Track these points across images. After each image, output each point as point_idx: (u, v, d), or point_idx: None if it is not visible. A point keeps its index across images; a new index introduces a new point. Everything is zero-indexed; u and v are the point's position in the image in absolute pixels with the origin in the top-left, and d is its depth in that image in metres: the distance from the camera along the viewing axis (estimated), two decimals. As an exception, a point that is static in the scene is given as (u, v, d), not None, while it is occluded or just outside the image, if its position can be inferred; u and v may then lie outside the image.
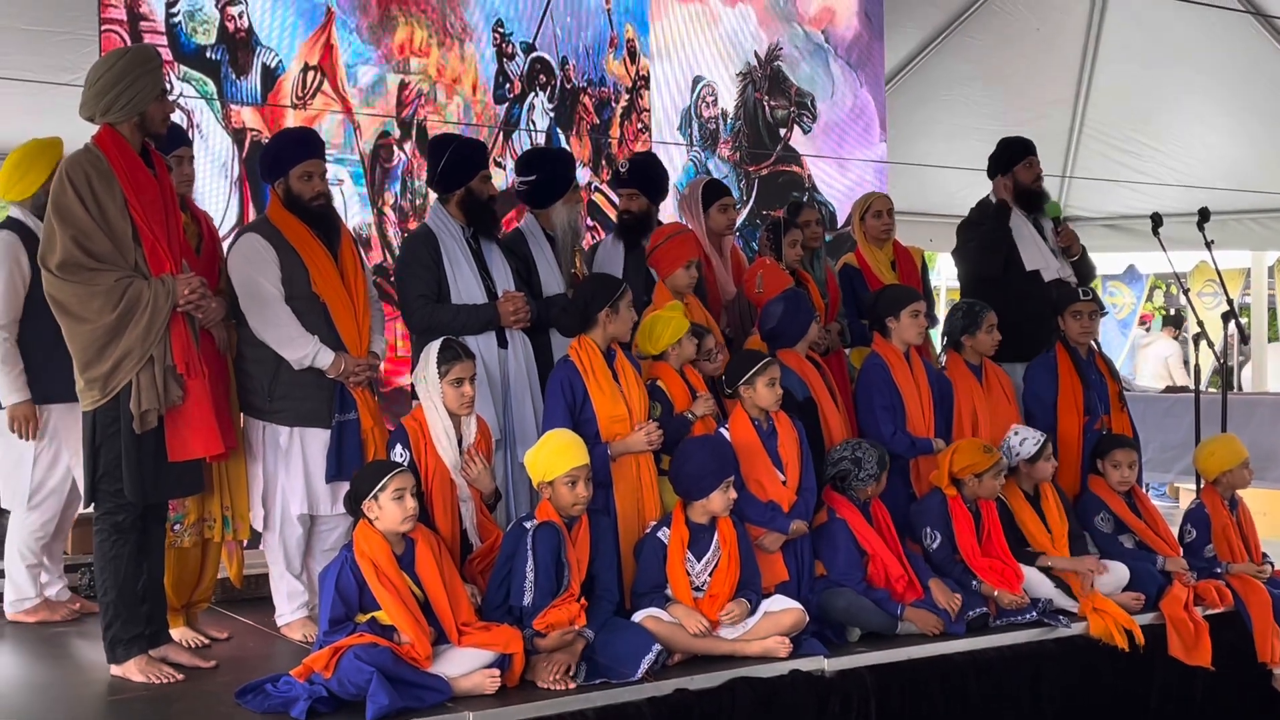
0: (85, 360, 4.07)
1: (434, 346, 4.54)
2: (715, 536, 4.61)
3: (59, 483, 5.13)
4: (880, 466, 4.98)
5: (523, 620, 4.23)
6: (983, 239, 6.34)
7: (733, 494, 4.59)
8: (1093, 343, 6.02)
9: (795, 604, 4.59)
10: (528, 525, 4.34)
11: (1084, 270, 6.52)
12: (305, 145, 4.84)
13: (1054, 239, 6.41)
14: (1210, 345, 7.12)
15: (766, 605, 4.57)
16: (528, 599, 4.25)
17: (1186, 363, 14.08)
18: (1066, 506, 5.48)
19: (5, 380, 5.00)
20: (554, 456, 4.38)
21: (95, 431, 4.12)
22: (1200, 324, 7.33)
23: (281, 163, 4.77)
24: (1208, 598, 5.38)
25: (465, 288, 5.09)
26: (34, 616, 5.12)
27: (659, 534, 4.60)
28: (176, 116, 4.73)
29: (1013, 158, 6.46)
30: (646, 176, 5.89)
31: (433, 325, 5.03)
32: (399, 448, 4.50)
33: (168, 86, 4.35)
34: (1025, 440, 5.37)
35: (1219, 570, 5.59)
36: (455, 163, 5.20)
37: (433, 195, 5.44)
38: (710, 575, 4.57)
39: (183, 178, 4.82)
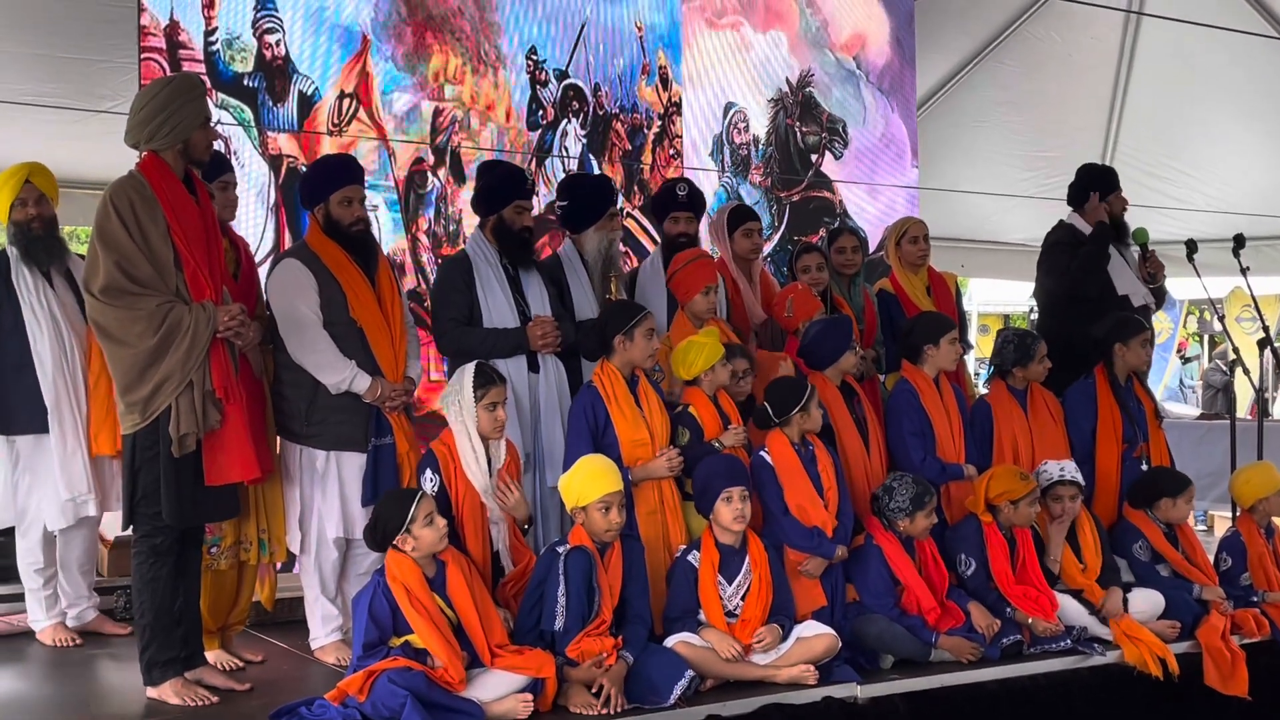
0: (126, 384, 4.11)
1: (468, 370, 4.56)
2: (746, 560, 4.61)
3: (38, 510, 5.15)
4: (914, 504, 4.90)
5: (555, 645, 4.24)
6: (1086, 261, 6.33)
7: (738, 505, 4.56)
8: None
9: (828, 630, 4.57)
10: (560, 550, 4.34)
11: (1159, 297, 6.56)
12: (345, 171, 4.89)
13: (1139, 266, 6.40)
14: (1246, 372, 7.09)
15: (799, 631, 4.56)
16: (559, 623, 4.25)
17: (1182, 384, 14.05)
18: (1103, 538, 5.44)
19: None
20: (588, 482, 4.38)
21: (134, 455, 4.15)
22: (1236, 351, 7.28)
23: (322, 188, 4.82)
24: (1245, 627, 5.32)
25: (497, 312, 5.12)
26: (45, 638, 5.17)
27: (689, 557, 4.60)
28: (216, 144, 4.78)
29: (1106, 186, 6.50)
30: (700, 200, 6.07)
31: (462, 348, 5.06)
32: (429, 472, 4.51)
33: (211, 114, 4.40)
34: (1042, 473, 5.35)
35: (1255, 599, 5.54)
36: (489, 190, 5.25)
37: (466, 221, 5.47)
38: (742, 599, 4.56)
39: (226, 204, 4.88)
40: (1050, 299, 6.54)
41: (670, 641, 4.41)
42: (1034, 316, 7.58)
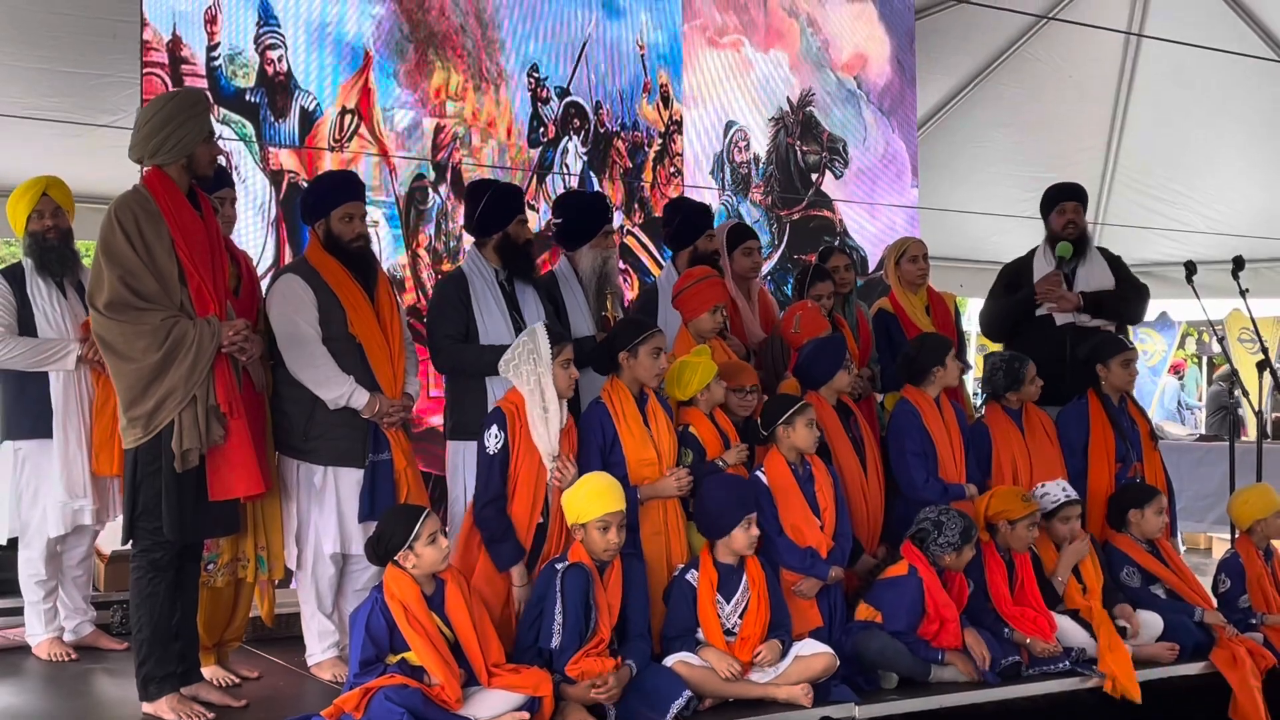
0: (129, 398, 4.11)
1: (539, 330, 4.60)
2: (744, 578, 4.60)
3: (42, 520, 5.14)
4: (963, 539, 4.88)
5: (553, 663, 4.23)
6: (1001, 314, 6.51)
7: (755, 531, 4.58)
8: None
9: (826, 648, 4.56)
10: (558, 567, 4.34)
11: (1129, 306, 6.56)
12: (347, 187, 4.90)
13: (1090, 281, 6.40)
14: (1245, 394, 7.09)
15: (797, 649, 4.55)
16: (556, 641, 4.25)
17: (1181, 405, 14.06)
18: (1101, 558, 5.44)
19: None
20: (589, 500, 4.38)
21: (136, 469, 4.14)
22: (1235, 372, 7.29)
23: (323, 204, 4.83)
24: (1264, 662, 5.27)
25: (493, 329, 5.11)
26: (41, 652, 5.16)
27: (687, 576, 4.60)
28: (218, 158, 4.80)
29: (1047, 206, 6.54)
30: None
31: (458, 364, 5.07)
32: (494, 429, 4.53)
33: (214, 129, 4.41)
34: (1045, 496, 5.34)
35: (1254, 620, 5.54)
36: (493, 208, 5.25)
37: (466, 237, 5.47)
38: (740, 617, 4.56)
39: (224, 219, 4.88)
40: (984, 322, 6.71)
41: (669, 661, 4.40)
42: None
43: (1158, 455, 6.05)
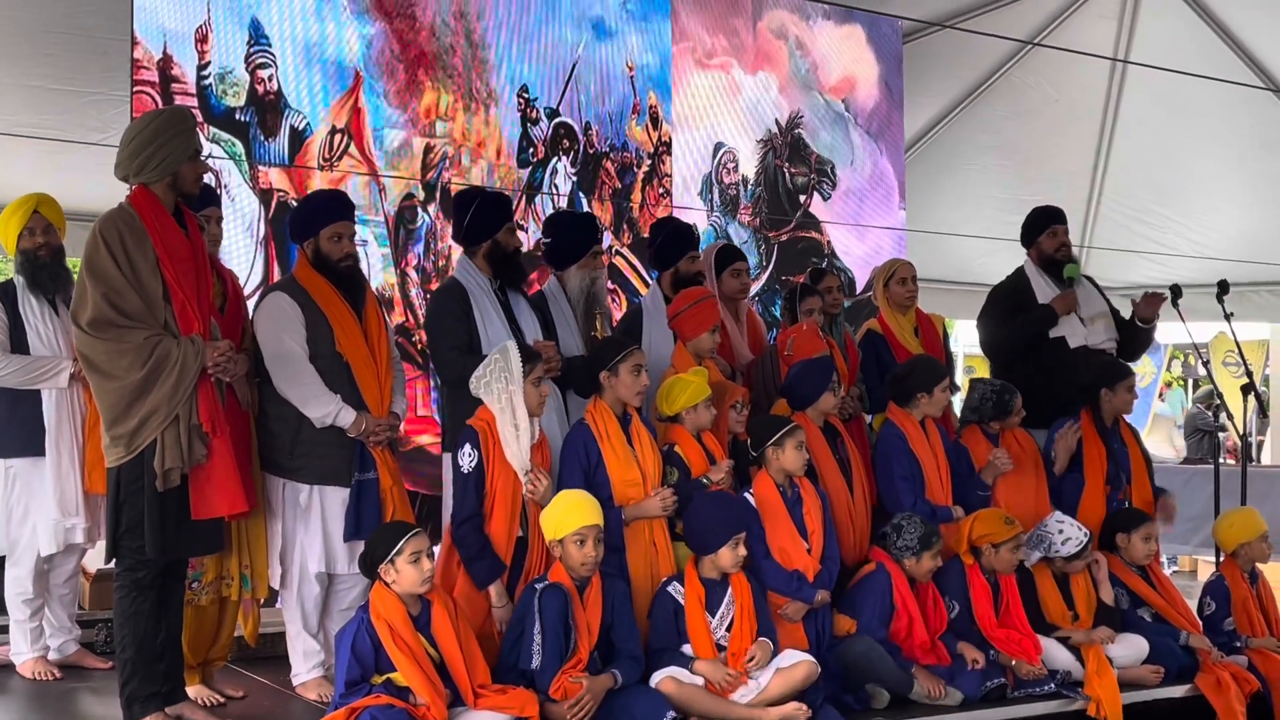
0: (112, 417, 4.10)
1: (510, 348, 4.62)
2: (729, 592, 4.60)
3: (31, 538, 5.13)
4: (921, 545, 4.95)
5: (534, 683, 4.22)
6: (1015, 336, 6.36)
7: (742, 551, 4.58)
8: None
9: (806, 656, 4.54)
10: (538, 587, 4.35)
11: (1144, 340, 6.59)
12: (337, 207, 4.91)
13: (1089, 301, 6.42)
14: (1229, 417, 7.12)
15: (777, 662, 4.54)
16: (535, 661, 4.24)
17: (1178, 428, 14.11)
18: (1094, 583, 5.45)
19: None
20: (565, 514, 4.39)
21: (119, 488, 4.13)
22: (1220, 396, 7.32)
23: (312, 223, 4.83)
24: (1249, 687, 5.29)
25: (495, 339, 5.08)
26: (26, 671, 5.13)
27: (670, 589, 4.60)
28: (206, 177, 4.79)
29: (1037, 228, 6.52)
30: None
31: (466, 376, 5.04)
32: (467, 448, 4.56)
33: (201, 147, 4.41)
34: (1069, 541, 5.32)
35: (1239, 643, 5.55)
36: (482, 215, 5.24)
37: (455, 253, 5.48)
38: (727, 630, 4.55)
39: (210, 238, 4.88)
40: (988, 345, 6.61)
41: (658, 676, 4.39)
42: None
43: (1149, 491, 6.04)
